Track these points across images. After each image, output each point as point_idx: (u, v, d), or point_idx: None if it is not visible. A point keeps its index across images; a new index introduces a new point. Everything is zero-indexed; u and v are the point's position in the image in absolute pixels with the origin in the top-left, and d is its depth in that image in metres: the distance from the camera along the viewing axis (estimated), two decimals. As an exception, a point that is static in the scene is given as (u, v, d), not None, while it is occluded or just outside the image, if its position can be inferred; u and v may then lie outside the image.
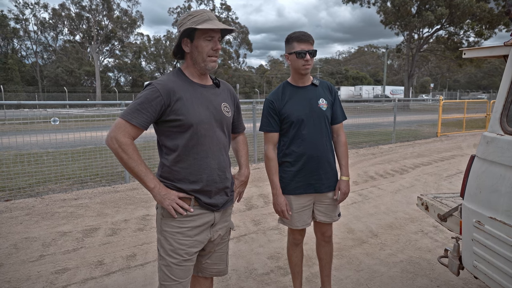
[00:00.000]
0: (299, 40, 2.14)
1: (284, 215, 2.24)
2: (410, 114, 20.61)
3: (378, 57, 79.20)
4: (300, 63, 2.16)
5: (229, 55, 50.64)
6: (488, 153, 1.80)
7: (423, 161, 7.93)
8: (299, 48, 2.14)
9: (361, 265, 3.23)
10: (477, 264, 1.87)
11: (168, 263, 1.70)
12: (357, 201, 5.10)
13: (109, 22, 46.32)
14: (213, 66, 1.73)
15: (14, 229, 4.01)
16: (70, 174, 6.20)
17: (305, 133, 2.20)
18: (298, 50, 2.13)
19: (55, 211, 4.59)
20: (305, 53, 2.13)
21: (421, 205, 2.71)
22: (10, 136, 5.96)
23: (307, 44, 2.15)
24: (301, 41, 2.14)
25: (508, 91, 1.72)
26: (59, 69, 47.44)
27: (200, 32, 1.66)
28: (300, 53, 2.13)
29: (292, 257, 2.51)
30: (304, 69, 2.17)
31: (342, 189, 2.31)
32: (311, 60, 2.16)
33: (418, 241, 3.75)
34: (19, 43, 51.50)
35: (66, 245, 3.60)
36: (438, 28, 31.79)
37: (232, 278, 2.99)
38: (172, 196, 1.67)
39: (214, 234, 1.84)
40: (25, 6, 48.06)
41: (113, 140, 1.57)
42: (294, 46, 2.15)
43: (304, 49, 2.13)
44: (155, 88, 1.62)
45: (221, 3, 48.80)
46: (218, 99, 1.81)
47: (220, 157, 1.77)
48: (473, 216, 1.87)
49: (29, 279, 2.97)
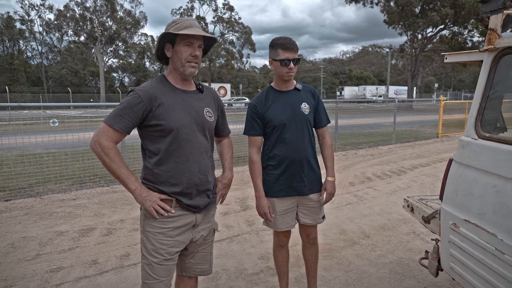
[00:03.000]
0: (284, 48, 2.17)
1: (267, 217, 2.29)
2: (413, 114, 20.57)
3: (382, 56, 78.91)
4: (284, 70, 2.20)
5: (232, 55, 50.70)
6: (464, 157, 1.84)
7: (421, 162, 7.93)
8: (284, 56, 2.17)
9: (350, 265, 3.27)
10: (453, 266, 1.91)
11: (150, 262, 1.77)
12: (351, 202, 5.14)
13: (113, 23, 46.61)
14: (191, 72, 1.78)
15: (12, 229, 4.09)
16: (70, 174, 6.29)
17: (287, 136, 2.25)
18: (283, 58, 2.17)
19: (53, 211, 4.67)
20: (289, 61, 2.17)
21: (407, 207, 2.75)
22: (13, 137, 6.06)
23: (291, 52, 2.18)
24: (286, 49, 2.17)
25: (482, 96, 1.76)
26: (64, 70, 47.84)
27: (180, 38, 1.72)
28: (284, 61, 2.17)
29: (278, 258, 2.56)
30: (287, 76, 2.22)
31: (327, 190, 2.36)
32: (295, 68, 2.21)
33: (410, 242, 3.78)
34: (24, 44, 52.01)
35: (62, 245, 3.67)
36: (442, 28, 31.66)
37: (222, 278, 3.05)
38: (153, 197, 1.73)
39: (196, 234, 1.90)
40: (31, 7, 48.52)
41: (96, 143, 1.64)
42: (279, 53, 2.18)
43: (289, 57, 2.17)
44: (137, 94, 1.68)
45: (223, 3, 48.85)
46: (200, 104, 1.86)
47: (201, 160, 1.83)
48: (450, 218, 1.91)
49: (24, 277, 3.04)
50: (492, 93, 1.72)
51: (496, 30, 1.63)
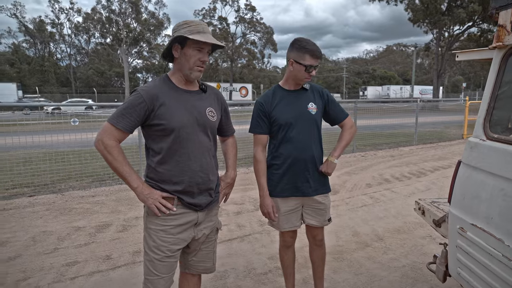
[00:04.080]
0: (313, 55, 2.14)
1: (270, 217, 2.29)
2: (438, 114, 19.94)
3: (407, 55, 77.01)
4: (304, 75, 2.18)
5: (254, 55, 50.78)
6: (471, 159, 1.78)
7: (443, 164, 7.69)
8: (310, 62, 2.14)
9: (361, 268, 3.21)
10: (460, 272, 1.85)
11: (151, 258, 1.80)
12: (367, 204, 5.05)
13: (137, 24, 47.70)
14: (197, 76, 1.81)
15: (34, 223, 4.27)
16: (91, 172, 6.49)
17: (292, 136, 2.23)
18: (308, 64, 2.14)
19: (73, 207, 4.84)
20: (314, 69, 2.17)
21: (418, 210, 2.68)
22: (42, 136, 6.33)
23: (317, 60, 2.17)
24: (314, 57, 2.15)
25: (491, 95, 1.69)
26: (91, 71, 49.46)
27: (191, 42, 1.75)
28: (309, 68, 2.15)
29: (283, 259, 2.55)
30: (305, 80, 2.23)
31: (322, 168, 2.30)
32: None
33: (425, 246, 3.67)
34: (54, 47, 54.17)
35: (79, 240, 3.80)
36: (470, 25, 30.55)
37: (230, 277, 3.07)
38: (155, 195, 1.76)
39: (198, 233, 1.92)
40: (61, 11, 50.45)
41: (100, 142, 1.69)
42: (306, 59, 2.14)
43: (313, 64, 2.16)
44: (139, 94, 1.72)
45: (245, 3, 48.98)
46: (203, 104, 1.88)
47: (202, 159, 1.85)
48: (457, 222, 1.85)
49: (42, 269, 3.17)
50: (501, 92, 1.65)
51: (505, 27, 1.56)
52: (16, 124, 6.62)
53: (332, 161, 2.29)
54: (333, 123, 2.42)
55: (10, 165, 6.37)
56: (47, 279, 3.00)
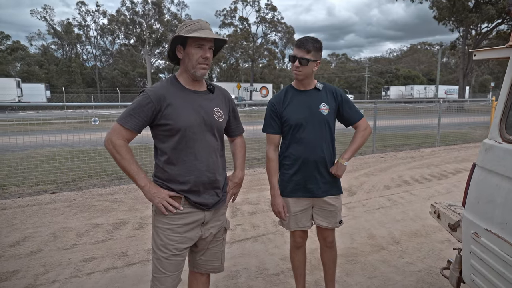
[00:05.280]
0: (296, 45, 2.19)
1: (281, 216, 2.28)
2: (464, 115, 19.29)
3: (432, 55, 74.93)
4: (292, 67, 2.21)
5: (274, 55, 50.71)
6: (486, 162, 1.71)
7: (466, 166, 7.43)
8: (294, 53, 2.18)
9: (375, 271, 3.15)
10: (474, 278, 1.78)
11: (158, 256, 1.83)
12: (384, 206, 4.94)
13: (160, 25, 48.56)
14: (202, 73, 1.82)
15: (55, 219, 4.42)
16: (111, 170, 6.65)
17: (303, 136, 2.21)
18: (292, 54, 2.19)
19: (92, 204, 4.97)
20: (296, 59, 2.16)
21: (433, 213, 2.60)
22: (69, 134, 6.56)
23: (300, 50, 2.15)
24: (296, 46, 2.19)
25: (507, 96, 1.62)
26: (115, 71, 50.75)
27: (191, 40, 1.76)
28: (292, 58, 2.18)
29: (294, 260, 2.53)
30: (294, 74, 2.21)
31: (332, 170, 2.28)
32: (302, 67, 2.16)
33: (443, 251, 3.56)
34: (81, 48, 55.94)
35: (97, 236, 3.90)
36: (499, 22, 29.38)
37: (242, 277, 3.07)
38: (162, 194, 1.79)
39: (206, 232, 1.93)
40: (87, 13, 52.04)
41: (109, 141, 1.73)
42: (293, 51, 2.19)
43: (296, 54, 2.15)
44: (146, 94, 1.75)
45: (266, 3, 49.01)
46: (210, 104, 1.89)
47: (209, 159, 1.86)
48: (471, 227, 1.78)
49: (60, 264, 3.27)
50: (518, 92, 1.58)
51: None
52: (41, 124, 6.88)
53: (342, 163, 2.26)
54: (347, 124, 2.38)
55: (35, 163, 6.62)
56: (64, 274, 3.10)
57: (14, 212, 4.68)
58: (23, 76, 41.62)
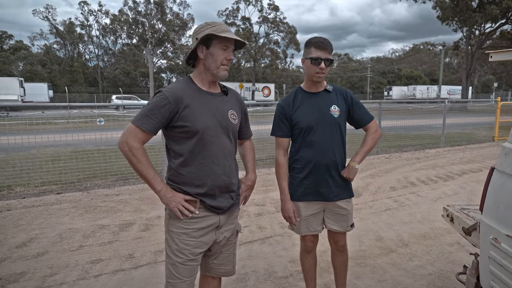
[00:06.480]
0: (317, 47, 2.10)
1: (291, 221, 2.25)
2: (467, 116, 19.21)
3: (434, 55, 74.70)
4: (314, 70, 2.13)
5: (276, 55, 50.64)
6: (506, 165, 1.67)
7: (472, 168, 7.39)
8: (316, 54, 2.10)
9: (384, 275, 3.12)
10: (493, 284, 1.74)
11: (173, 261, 1.80)
12: (391, 207, 4.91)
13: (162, 25, 48.55)
14: (224, 75, 1.80)
15: (61, 220, 4.40)
16: (116, 170, 6.63)
17: (314, 139, 2.18)
18: (314, 57, 2.10)
19: (97, 205, 4.95)
20: (321, 61, 2.10)
21: (446, 217, 2.56)
22: (74, 134, 6.54)
23: (324, 52, 2.10)
24: (319, 48, 2.10)
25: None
26: (117, 71, 50.78)
27: (217, 41, 1.74)
28: (316, 60, 2.10)
29: (304, 264, 2.50)
30: (317, 77, 2.15)
31: (343, 173, 2.25)
32: (326, 68, 2.13)
33: (453, 254, 3.53)
34: (83, 47, 56.01)
35: (103, 238, 3.88)
36: (503, 22, 29.25)
37: (250, 279, 3.04)
38: (178, 198, 1.76)
39: (220, 236, 1.90)
40: (90, 13, 52.11)
41: (124, 144, 1.69)
42: (311, 52, 2.12)
43: (321, 56, 2.09)
44: (164, 95, 1.71)
45: (268, 3, 48.82)
46: (225, 106, 1.87)
47: (225, 162, 1.83)
48: (490, 232, 1.75)
49: (67, 266, 3.25)
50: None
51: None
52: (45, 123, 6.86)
53: (354, 166, 2.23)
54: (357, 126, 2.35)
55: (40, 163, 6.61)
56: (72, 276, 3.08)
57: (20, 212, 4.66)
58: (26, 76, 41.67)
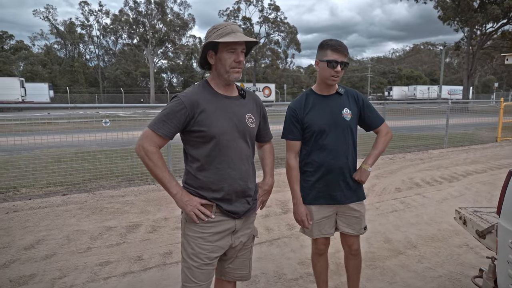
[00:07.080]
0: (334, 49, 2.09)
1: (304, 224, 2.24)
2: (469, 116, 19.20)
3: (435, 55, 74.68)
4: (330, 72, 2.11)
5: (277, 55, 50.63)
6: (526, 170, 1.67)
7: (477, 168, 7.38)
8: (332, 57, 2.08)
9: (395, 277, 3.11)
10: (512, 288, 1.74)
11: (189, 265, 1.79)
12: (398, 209, 4.90)
13: (163, 25, 48.52)
14: (236, 77, 1.79)
15: (68, 222, 4.39)
16: (120, 171, 6.63)
17: (326, 143, 2.17)
18: (330, 59, 2.08)
19: (104, 207, 4.95)
20: (337, 64, 2.09)
21: (458, 219, 2.56)
22: (79, 134, 6.54)
23: (340, 55, 2.09)
24: (335, 51, 2.09)
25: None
26: (118, 71, 50.78)
27: (223, 45, 1.73)
28: (331, 62, 2.09)
29: (316, 267, 2.50)
30: (331, 79, 2.13)
31: (356, 176, 2.25)
32: (341, 72, 2.12)
33: (462, 255, 3.52)
34: (84, 48, 56.02)
35: (111, 239, 3.87)
36: (504, 22, 29.24)
37: (260, 282, 3.04)
38: (194, 202, 1.75)
39: (236, 240, 1.90)
40: (90, 13, 52.11)
41: (140, 148, 1.69)
42: (327, 54, 2.10)
43: (337, 59, 2.08)
44: (180, 100, 1.71)
45: (269, 3, 48.84)
46: (242, 110, 1.85)
47: (242, 167, 1.82)
48: (509, 236, 1.74)
49: (76, 269, 3.24)
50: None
51: None
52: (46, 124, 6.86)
53: (366, 169, 2.23)
54: (368, 128, 2.35)
55: (44, 164, 6.61)
56: (81, 278, 3.07)
57: (26, 214, 4.66)
58: (27, 76, 41.67)
